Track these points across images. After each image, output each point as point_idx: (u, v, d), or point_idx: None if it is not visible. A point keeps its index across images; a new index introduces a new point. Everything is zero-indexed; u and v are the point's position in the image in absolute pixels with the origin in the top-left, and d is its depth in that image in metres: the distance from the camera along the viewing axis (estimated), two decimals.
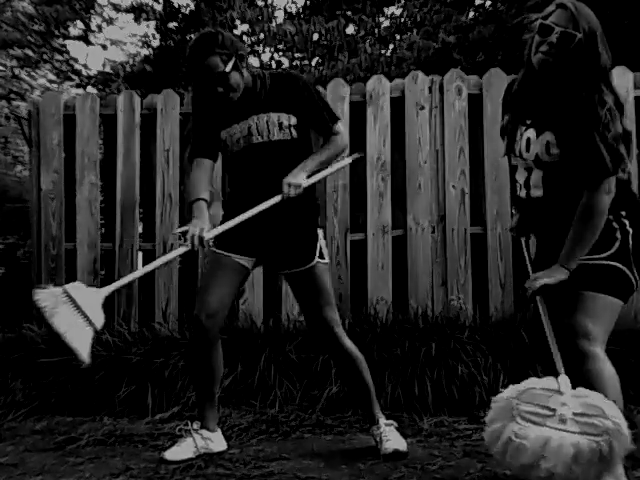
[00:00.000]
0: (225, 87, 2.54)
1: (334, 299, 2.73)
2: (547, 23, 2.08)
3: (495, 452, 2.03)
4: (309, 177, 2.60)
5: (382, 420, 2.72)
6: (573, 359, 2.13)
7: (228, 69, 2.51)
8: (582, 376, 2.09)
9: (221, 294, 2.64)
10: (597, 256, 2.15)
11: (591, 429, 1.92)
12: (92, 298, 2.24)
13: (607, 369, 2.11)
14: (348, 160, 2.87)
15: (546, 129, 2.17)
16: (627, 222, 2.17)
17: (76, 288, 2.25)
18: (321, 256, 2.66)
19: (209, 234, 2.49)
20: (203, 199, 2.58)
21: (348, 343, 2.70)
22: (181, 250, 2.54)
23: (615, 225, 2.16)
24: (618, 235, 2.16)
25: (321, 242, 2.68)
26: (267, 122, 2.59)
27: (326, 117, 2.68)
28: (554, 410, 1.96)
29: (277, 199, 2.54)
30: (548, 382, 2.04)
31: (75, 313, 2.18)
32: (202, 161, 2.68)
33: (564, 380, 2.03)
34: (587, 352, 2.08)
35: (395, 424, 2.73)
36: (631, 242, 2.16)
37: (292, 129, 2.61)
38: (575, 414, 1.94)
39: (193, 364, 2.78)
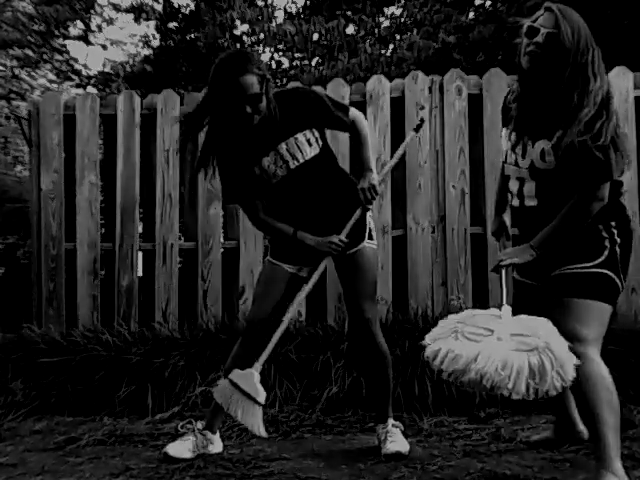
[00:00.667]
0: (254, 109, 2.48)
1: (376, 292, 2.74)
2: (534, 25, 2.14)
3: (432, 365, 2.11)
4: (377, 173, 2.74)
5: (390, 420, 2.72)
6: None
7: (263, 91, 2.47)
8: (577, 376, 2.09)
9: (274, 302, 2.68)
10: (587, 264, 2.22)
11: (523, 346, 2.01)
12: (250, 379, 2.51)
13: (597, 370, 2.14)
14: (408, 139, 3.01)
15: (541, 137, 2.20)
16: (616, 232, 2.25)
17: (237, 375, 2.50)
18: (370, 237, 2.70)
19: (342, 236, 2.60)
20: (296, 230, 2.63)
21: (381, 340, 2.70)
22: (324, 263, 2.63)
23: (605, 234, 2.24)
24: (607, 244, 2.23)
25: (370, 224, 2.73)
26: (296, 144, 2.58)
27: (341, 115, 2.67)
28: (493, 330, 2.08)
29: (359, 212, 2.65)
30: (492, 310, 2.20)
31: (243, 397, 2.47)
32: (257, 204, 2.67)
33: (506, 309, 2.17)
34: (580, 354, 2.10)
35: (401, 427, 2.73)
36: (619, 251, 2.24)
37: (319, 141, 2.63)
38: (512, 335, 2.05)
39: (229, 369, 2.68)
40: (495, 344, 2.02)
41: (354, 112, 2.71)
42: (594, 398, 2.11)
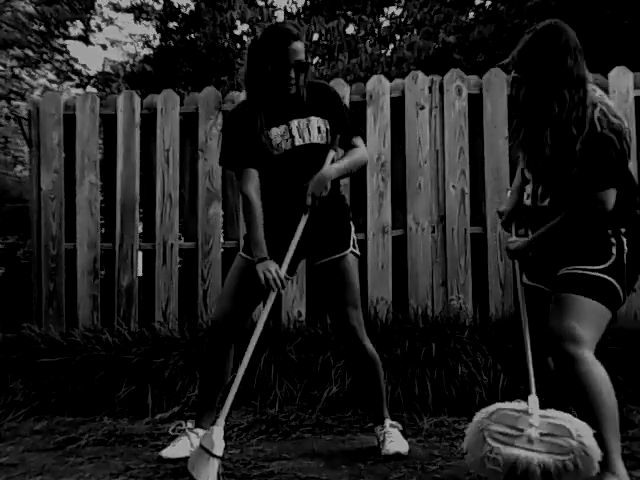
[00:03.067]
0: (297, 76, 2.53)
1: (359, 300, 2.71)
2: (516, 76, 2.22)
3: (477, 472, 2.14)
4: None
5: (387, 421, 2.73)
6: (561, 362, 2.15)
7: (309, 61, 2.56)
8: (571, 379, 2.11)
9: (244, 302, 2.64)
10: (592, 267, 2.18)
11: (557, 449, 1.97)
12: (209, 435, 2.40)
13: (596, 371, 2.10)
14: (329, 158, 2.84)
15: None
16: (625, 240, 2.21)
17: (202, 436, 2.45)
18: (354, 246, 2.70)
19: (282, 271, 2.52)
20: (264, 258, 2.52)
21: (368, 345, 2.70)
22: (272, 298, 2.53)
23: (613, 240, 2.20)
24: (614, 251, 2.20)
25: (353, 235, 2.72)
26: (308, 125, 2.61)
27: (350, 127, 2.71)
28: (522, 430, 2.02)
29: (305, 219, 2.56)
30: (518, 404, 2.10)
31: (201, 452, 2.36)
32: (252, 173, 2.62)
33: (533, 400, 2.08)
34: (574, 354, 2.09)
35: (400, 426, 2.74)
36: (626, 261, 2.20)
37: (328, 134, 2.64)
38: (542, 434, 2.00)
39: (203, 367, 2.75)
40: (528, 450, 1.99)
41: (361, 143, 2.74)
42: (593, 400, 2.08)
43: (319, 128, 2.62)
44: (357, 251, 2.73)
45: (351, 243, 2.69)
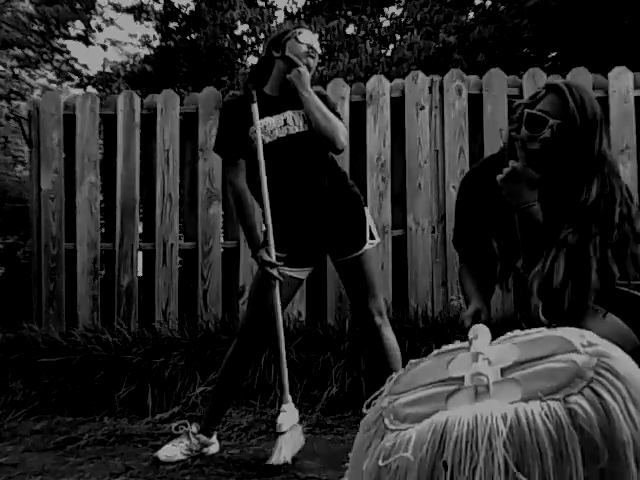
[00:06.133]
0: (311, 61, 2.67)
1: (379, 288, 2.73)
2: (538, 114, 1.71)
3: None
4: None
5: None
6: None
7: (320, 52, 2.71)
8: None
9: (268, 305, 2.63)
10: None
11: (548, 382, 1.00)
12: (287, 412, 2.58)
13: None
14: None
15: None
16: None
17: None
18: (371, 236, 2.68)
19: (272, 256, 2.56)
20: (258, 248, 2.61)
21: (386, 333, 2.69)
22: (275, 291, 2.58)
23: None
24: None
25: (369, 221, 2.71)
26: (302, 116, 2.62)
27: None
28: (461, 379, 1.11)
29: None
30: (448, 346, 1.28)
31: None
32: (242, 165, 2.66)
33: (480, 329, 1.20)
34: None
35: None
36: None
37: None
38: (504, 369, 1.09)
39: (225, 372, 2.71)
40: (470, 405, 1.04)
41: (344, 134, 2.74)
42: None
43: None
44: (375, 239, 2.71)
45: (367, 236, 2.67)
